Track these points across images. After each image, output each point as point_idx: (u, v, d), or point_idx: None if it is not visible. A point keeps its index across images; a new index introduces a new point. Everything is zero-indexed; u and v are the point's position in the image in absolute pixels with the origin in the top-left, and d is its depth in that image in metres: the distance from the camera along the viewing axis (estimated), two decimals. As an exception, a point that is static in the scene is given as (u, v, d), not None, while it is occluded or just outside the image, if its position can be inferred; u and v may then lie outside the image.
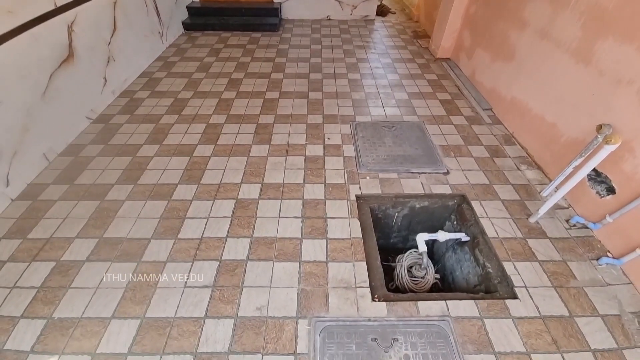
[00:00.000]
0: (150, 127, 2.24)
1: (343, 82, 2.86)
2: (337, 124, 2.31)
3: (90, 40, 2.26)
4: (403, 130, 2.25)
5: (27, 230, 1.53)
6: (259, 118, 2.36)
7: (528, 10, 2.06)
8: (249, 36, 3.82)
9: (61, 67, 2.01)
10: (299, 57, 3.32)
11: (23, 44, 1.75)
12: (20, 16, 1.74)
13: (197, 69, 3.03)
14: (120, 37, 2.59)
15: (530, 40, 2.04)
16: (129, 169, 1.90)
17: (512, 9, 2.23)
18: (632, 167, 1.39)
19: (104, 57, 2.42)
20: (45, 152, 1.90)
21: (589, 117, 1.60)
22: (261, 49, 3.48)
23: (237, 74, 2.98)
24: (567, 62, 1.74)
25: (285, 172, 1.89)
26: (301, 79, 2.91)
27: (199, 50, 3.43)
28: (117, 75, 2.58)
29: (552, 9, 1.86)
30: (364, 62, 3.26)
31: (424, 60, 3.29)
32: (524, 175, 1.91)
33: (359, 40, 3.75)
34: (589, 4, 1.61)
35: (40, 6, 1.87)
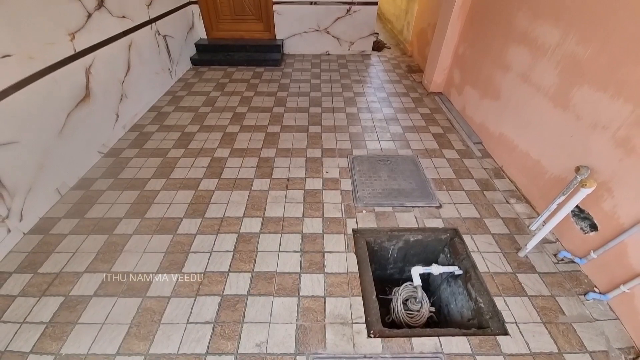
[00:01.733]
0: (158, 161, 2.36)
1: (341, 116, 3.03)
2: (335, 158, 2.43)
3: (105, 80, 2.44)
4: (397, 164, 2.37)
5: (38, 265, 1.60)
6: (261, 152, 2.49)
7: (510, 56, 2.25)
8: (253, 71, 4.06)
9: (77, 107, 2.17)
10: (299, 91, 3.52)
11: (43, 87, 1.90)
12: (41, 61, 1.89)
13: (203, 103, 3.21)
14: (133, 76, 2.79)
15: (513, 83, 2.21)
16: (137, 202, 2.00)
17: (496, 53, 2.42)
18: (611, 206, 1.48)
19: (118, 95, 2.60)
20: (58, 186, 2.01)
21: (569, 157, 1.72)
22: (264, 83, 3.70)
23: (241, 107, 3.16)
24: (547, 106, 1.89)
25: (286, 206, 1.98)
26: (301, 112, 3.08)
27: (206, 84, 3.64)
28: (129, 110, 2.75)
29: (531, 56, 2.03)
30: (360, 96, 3.45)
31: (418, 95, 3.48)
32: (513, 208, 2.00)
33: (356, 75, 3.99)
34: (565, 54, 1.77)
35: (61, 52, 2.04)
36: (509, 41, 2.26)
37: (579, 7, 1.68)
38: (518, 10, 2.17)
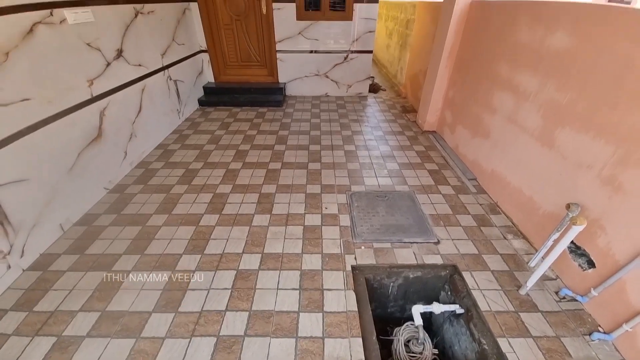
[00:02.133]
0: (161, 197, 2.42)
1: (339, 153, 3.15)
2: (334, 194, 2.50)
3: (117, 121, 2.60)
4: (395, 200, 2.42)
5: (34, 302, 1.58)
6: (262, 188, 2.56)
7: (495, 100, 2.42)
8: (256, 111, 4.30)
9: (89, 146, 2.29)
10: (300, 130, 3.70)
11: (59, 128, 2.02)
12: (59, 105, 2.03)
13: (208, 141, 3.36)
14: (143, 117, 2.96)
15: (501, 124, 2.35)
16: (138, 238, 2.02)
17: (483, 97, 2.60)
18: (605, 243, 1.51)
19: (128, 134, 2.74)
20: (62, 222, 2.05)
21: (560, 194, 1.78)
22: (266, 123, 3.90)
23: (244, 145, 3.30)
24: (534, 145, 1.99)
25: (285, 242, 2.00)
26: (302, 150, 3.21)
27: (211, 123, 3.84)
28: (137, 148, 2.87)
29: (515, 100, 2.19)
30: (358, 134, 3.62)
31: (413, 133, 3.65)
32: (511, 244, 2.01)
33: (354, 115, 4.21)
34: (545, 99, 1.92)
35: (79, 96, 2.20)
36: (493, 87, 2.44)
37: (553, 60, 1.86)
38: (499, 61, 2.38)
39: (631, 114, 1.39)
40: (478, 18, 2.73)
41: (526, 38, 2.08)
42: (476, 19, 2.76)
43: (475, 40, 2.76)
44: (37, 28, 1.86)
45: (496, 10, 2.46)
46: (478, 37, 2.72)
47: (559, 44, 1.80)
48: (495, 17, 2.46)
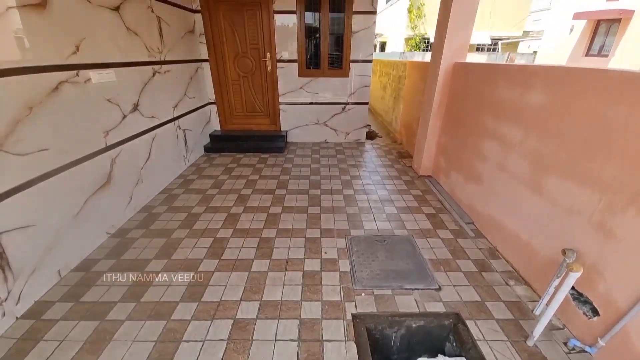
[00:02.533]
0: (162, 242, 2.44)
1: (338, 198, 3.23)
2: (333, 238, 2.52)
3: (126, 168, 2.73)
4: (394, 244, 2.44)
5: (23, 354, 1.51)
6: (262, 232, 2.59)
7: (485, 148, 2.57)
8: (259, 157, 4.49)
9: (97, 192, 2.37)
10: (300, 175, 3.83)
11: (71, 175, 2.12)
12: (74, 154, 2.15)
13: (211, 186, 3.47)
14: (151, 163, 3.11)
15: (492, 170, 2.47)
16: (135, 284, 2.00)
17: (473, 145, 2.77)
18: (605, 289, 1.50)
19: (135, 180, 2.85)
20: (60, 268, 2.04)
21: (555, 239, 1.81)
22: (268, 168, 4.05)
23: (246, 190, 3.40)
24: (524, 191, 2.08)
25: (284, 288, 1.97)
26: (302, 194, 3.30)
27: (215, 169, 3.99)
28: (142, 193, 2.96)
29: (502, 149, 2.34)
30: (357, 179, 3.75)
31: (409, 178, 3.78)
32: (514, 291, 1.98)
33: (352, 160, 4.39)
34: (529, 149, 2.05)
35: (93, 146, 2.34)
36: (482, 136, 2.62)
37: (532, 114, 2.04)
38: (484, 113, 2.59)
39: (608, 165, 1.49)
40: (461, 77, 3.03)
41: (506, 95, 2.30)
42: (460, 77, 3.07)
43: (461, 95, 3.03)
44: (63, 86, 2.06)
45: (477, 71, 2.75)
46: (463, 92, 2.99)
47: (535, 101, 1.99)
48: (477, 77, 2.74)
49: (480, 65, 2.73)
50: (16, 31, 1.76)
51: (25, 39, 1.80)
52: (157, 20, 3.19)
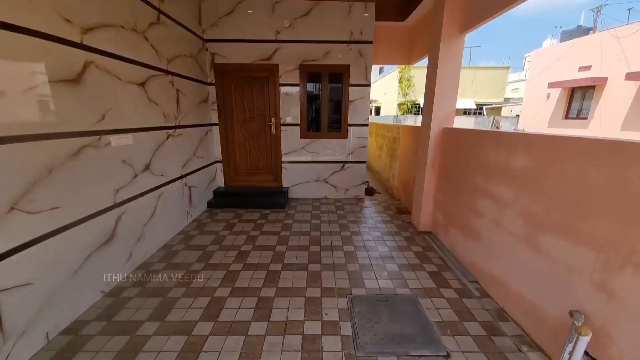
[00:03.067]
0: (157, 302, 2.36)
1: (339, 254, 3.21)
2: (334, 298, 2.44)
3: (130, 224, 2.78)
4: (397, 305, 2.35)
5: None
6: (261, 291, 2.52)
7: (480, 206, 2.67)
8: (260, 212, 4.57)
9: (99, 249, 2.39)
10: (301, 231, 3.85)
11: (76, 232, 2.17)
12: (83, 211, 2.23)
13: (211, 242, 3.47)
14: (155, 220, 3.17)
15: (488, 228, 2.52)
16: (124, 350, 1.88)
17: (468, 202, 2.87)
18: (617, 353, 1.43)
19: (137, 236, 2.88)
20: (50, 330, 1.95)
21: (561, 300, 1.78)
22: (269, 224, 4.09)
23: (246, 246, 3.38)
24: (523, 249, 2.10)
25: (282, 355, 1.85)
26: (302, 251, 3.28)
27: (217, 224, 4.03)
28: (142, 250, 2.96)
29: (496, 207, 2.43)
30: (357, 235, 3.76)
31: (409, 234, 3.79)
32: (528, 358, 1.86)
33: (352, 216, 4.45)
34: (522, 208, 2.12)
35: (102, 204, 2.43)
36: (475, 194, 2.74)
37: (519, 176, 2.18)
38: (475, 173, 2.76)
39: (598, 225, 1.55)
40: (450, 140, 3.30)
41: (493, 158, 2.48)
42: (449, 141, 3.33)
43: (452, 156, 3.25)
44: (84, 149, 2.24)
45: (464, 136, 3.02)
46: (454, 154, 3.21)
47: (520, 164, 2.15)
48: (464, 141, 2.99)
49: (466, 131, 3.00)
50: (51, 101, 1.99)
51: (57, 108, 2.04)
52: (176, 92, 3.60)
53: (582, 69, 11.50)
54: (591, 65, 11.11)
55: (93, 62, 2.30)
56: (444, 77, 3.32)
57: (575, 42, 12.01)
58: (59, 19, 2.02)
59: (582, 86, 11.52)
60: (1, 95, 1.67)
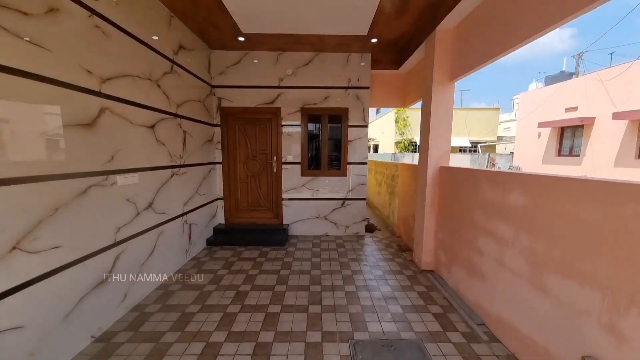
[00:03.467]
0: (149, 348, 2.24)
1: (340, 294, 3.11)
2: (335, 343, 2.32)
3: (128, 264, 2.74)
4: (403, 351, 2.23)
5: None
6: (259, 335, 2.40)
7: (480, 243, 2.66)
8: (260, 250, 4.50)
9: (93, 290, 2.34)
10: (301, 269, 3.77)
11: (74, 272, 2.14)
12: (83, 250, 2.22)
13: (209, 282, 3.38)
14: (153, 258, 3.13)
15: (491, 266, 2.49)
16: (111, 404, 1.75)
17: (469, 240, 2.87)
18: (639, 406, 1.34)
19: (134, 276, 2.82)
20: (33, 380, 1.83)
21: (572, 344, 1.70)
22: (269, 262, 4.01)
23: (244, 286, 3.29)
24: (529, 289, 2.05)
25: (280, 408, 1.72)
26: (302, 291, 3.19)
27: (215, 263, 3.95)
28: (138, 290, 2.88)
29: (497, 245, 2.42)
30: (358, 273, 3.67)
31: (411, 272, 3.71)
32: (545, 412, 1.72)
33: (352, 254, 4.39)
34: (524, 246, 2.11)
35: (102, 242, 2.42)
36: (476, 232, 2.75)
37: (517, 214, 2.22)
38: (474, 211, 2.80)
39: (600, 264, 1.55)
40: (448, 178, 3.39)
41: (491, 196, 2.54)
42: (447, 179, 3.42)
43: (450, 194, 3.31)
44: (91, 189, 2.31)
45: (461, 174, 3.11)
46: (452, 192, 3.28)
47: (517, 202, 2.20)
48: (462, 179, 3.08)
49: (462, 170, 3.10)
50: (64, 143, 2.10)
51: (70, 150, 2.15)
52: (183, 133, 3.79)
53: (569, 110, 12.10)
54: (577, 106, 11.71)
55: (108, 108, 2.47)
56: (438, 119, 3.52)
57: (560, 86, 12.80)
58: (80, 70, 2.21)
59: (571, 125, 12.02)
60: (17, 136, 1.78)
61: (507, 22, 2.56)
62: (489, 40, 2.80)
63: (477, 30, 2.99)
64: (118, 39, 2.60)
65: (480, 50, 2.93)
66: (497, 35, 2.69)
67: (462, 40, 3.25)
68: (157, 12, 3.22)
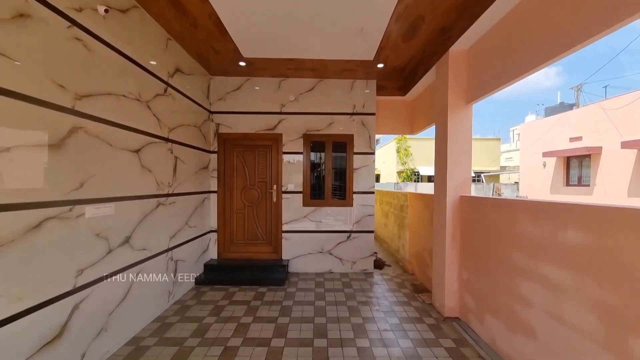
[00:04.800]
0: None
1: (352, 352, 2.54)
2: None
3: (90, 315, 2.23)
4: None
5: None
6: (249, 417, 1.83)
7: (524, 290, 2.17)
8: (256, 290, 3.94)
9: (39, 351, 1.82)
10: (302, 316, 3.21)
11: (13, 331, 1.66)
12: (28, 302, 1.74)
13: (192, 334, 2.81)
14: (125, 306, 2.61)
15: (544, 321, 1.98)
16: None
17: (507, 284, 2.37)
18: None
19: (97, 329, 2.29)
20: None
21: None
22: (265, 306, 3.45)
23: (234, 339, 2.73)
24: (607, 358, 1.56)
25: None
26: (304, 347, 2.62)
27: (202, 308, 3.39)
28: (101, 347, 2.33)
29: (551, 294, 1.91)
30: (370, 321, 3.10)
31: (433, 320, 3.14)
32: None
33: (361, 295, 3.82)
34: (593, 298, 1.62)
35: (56, 290, 1.93)
36: (515, 275, 2.27)
37: (578, 255, 1.77)
38: (510, 248, 2.34)
39: None
40: (471, 209, 2.97)
41: (534, 231, 2.09)
42: (470, 210, 3.00)
43: (476, 227, 2.87)
44: (47, 223, 1.86)
45: (489, 204, 2.69)
46: (478, 225, 2.84)
47: (575, 240, 1.75)
48: (490, 210, 2.66)
49: (491, 200, 2.68)
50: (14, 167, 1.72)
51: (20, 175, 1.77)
52: (174, 159, 3.44)
53: (573, 140, 11.97)
54: (581, 136, 11.59)
55: (82, 127, 2.14)
56: (456, 145, 3.18)
57: (562, 116, 12.82)
58: (50, 84, 1.90)
59: (577, 155, 11.81)
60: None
61: (526, 42, 2.33)
62: (507, 62, 2.56)
63: (494, 52, 2.76)
64: (103, 55, 2.34)
65: (499, 72, 2.67)
66: (515, 56, 2.45)
67: (478, 62, 3.02)
68: (153, 33, 3.04)
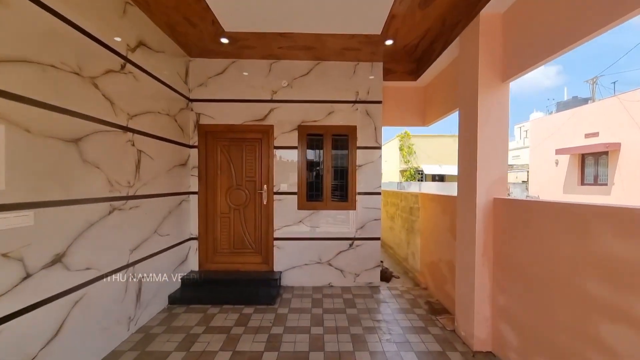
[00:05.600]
0: None
1: (356, 410, 1.89)
2: None
3: (-4, 366, 1.59)
4: None
5: None
6: None
7: (605, 335, 1.52)
8: (240, 312, 3.29)
9: None
10: (294, 350, 2.56)
11: None
12: None
13: (149, 379, 2.17)
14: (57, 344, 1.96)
15: (645, 388, 1.33)
16: None
17: (572, 324, 1.72)
18: None
19: (5, 387, 1.65)
20: None
21: None
22: (249, 335, 2.80)
23: (203, 387, 2.08)
24: None
25: None
26: (294, 400, 1.97)
27: (169, 338, 2.74)
28: (12, 411, 1.68)
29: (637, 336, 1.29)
30: (380, 356, 2.45)
31: (460, 356, 2.48)
32: None
33: (367, 319, 3.17)
34: None
35: None
36: (590, 311, 1.61)
37: None
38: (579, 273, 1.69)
39: None
40: (512, 216, 2.31)
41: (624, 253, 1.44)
42: (509, 217, 2.33)
43: (521, 241, 2.20)
44: None
45: (541, 211, 2.02)
46: (524, 238, 2.17)
47: None
48: (543, 219, 1.99)
49: (546, 204, 1.99)
50: None
51: None
52: (136, 153, 2.79)
53: (589, 135, 11.26)
54: (598, 132, 10.88)
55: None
56: (489, 133, 2.51)
57: (577, 111, 12.10)
58: None
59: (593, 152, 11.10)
60: None
61: None
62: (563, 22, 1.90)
63: (543, 10, 2.10)
64: (15, 4, 1.70)
65: (551, 37, 2.01)
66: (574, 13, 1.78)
67: (518, 27, 2.36)
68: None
